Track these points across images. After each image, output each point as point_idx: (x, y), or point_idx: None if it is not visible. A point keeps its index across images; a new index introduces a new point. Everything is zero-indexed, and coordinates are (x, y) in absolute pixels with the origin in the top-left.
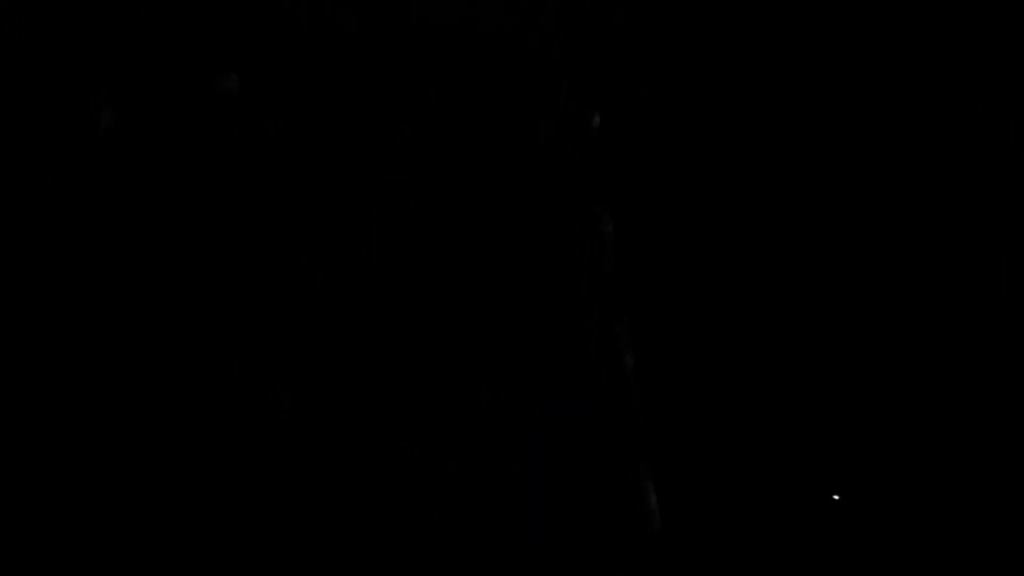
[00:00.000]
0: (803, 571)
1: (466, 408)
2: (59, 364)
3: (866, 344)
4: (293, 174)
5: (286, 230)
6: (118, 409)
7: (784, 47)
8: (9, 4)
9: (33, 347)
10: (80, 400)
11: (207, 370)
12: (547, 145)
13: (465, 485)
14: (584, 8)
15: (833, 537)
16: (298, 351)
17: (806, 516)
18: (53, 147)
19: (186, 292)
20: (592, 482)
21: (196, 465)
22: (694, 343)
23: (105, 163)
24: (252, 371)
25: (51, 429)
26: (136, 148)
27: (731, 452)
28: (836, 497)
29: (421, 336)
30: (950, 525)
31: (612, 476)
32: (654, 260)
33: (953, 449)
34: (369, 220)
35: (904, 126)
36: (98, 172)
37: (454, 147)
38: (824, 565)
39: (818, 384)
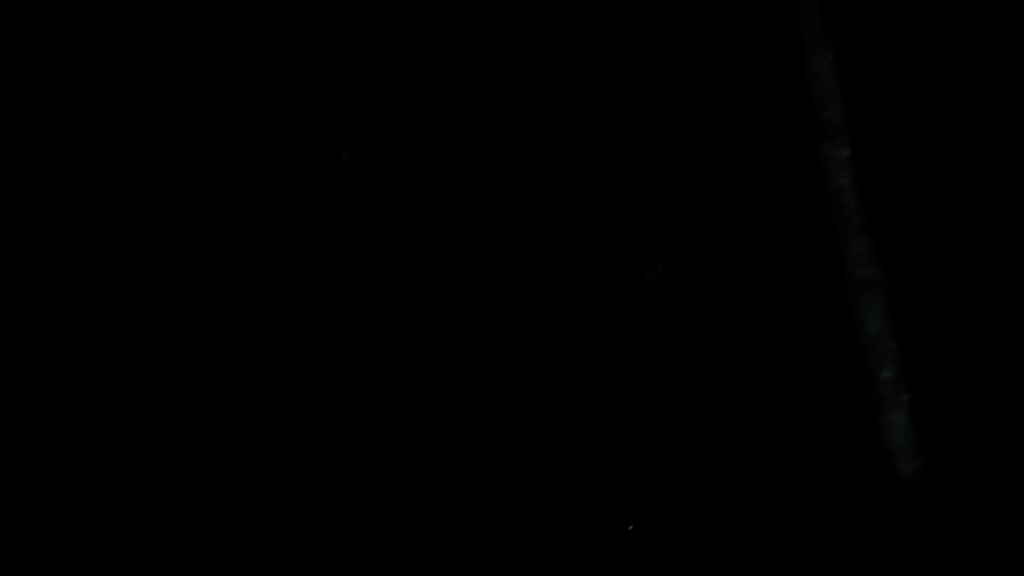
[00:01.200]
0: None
1: (466, 408)
2: (59, 364)
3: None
4: (293, 174)
5: (286, 230)
6: (118, 407)
7: (784, 47)
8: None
9: (34, 346)
10: (80, 398)
11: (207, 370)
12: (548, 145)
13: (465, 485)
14: (584, 8)
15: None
16: (298, 351)
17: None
18: (53, 146)
19: (186, 292)
20: (592, 482)
21: (195, 463)
22: (694, 343)
23: (108, 162)
24: (252, 371)
25: (51, 428)
26: (138, 147)
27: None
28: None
29: (421, 337)
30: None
31: (612, 476)
32: (654, 258)
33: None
34: (369, 220)
35: (904, 125)
36: (99, 171)
37: (454, 147)
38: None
39: (817, 383)
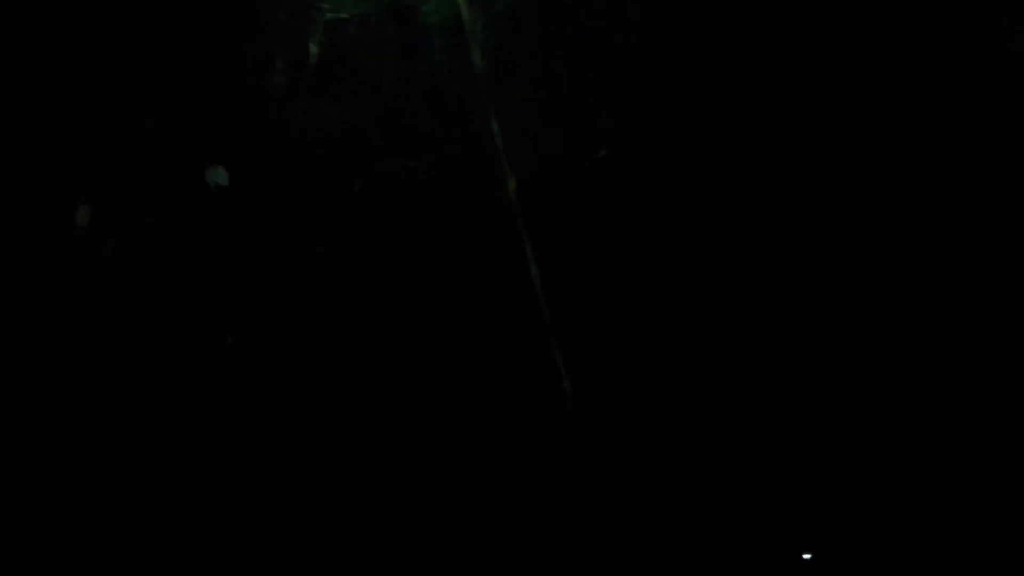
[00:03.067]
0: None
1: (467, 408)
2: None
3: (866, 344)
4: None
5: (297, 232)
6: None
7: (782, 48)
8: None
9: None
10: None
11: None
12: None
13: (465, 485)
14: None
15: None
16: (299, 353)
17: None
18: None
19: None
20: (592, 482)
21: (196, 463)
22: (691, 345)
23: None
24: (250, 371)
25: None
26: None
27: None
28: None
29: (423, 337)
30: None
31: (611, 476)
32: (654, 262)
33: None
34: (380, 228)
35: (902, 127)
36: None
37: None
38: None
39: (816, 385)
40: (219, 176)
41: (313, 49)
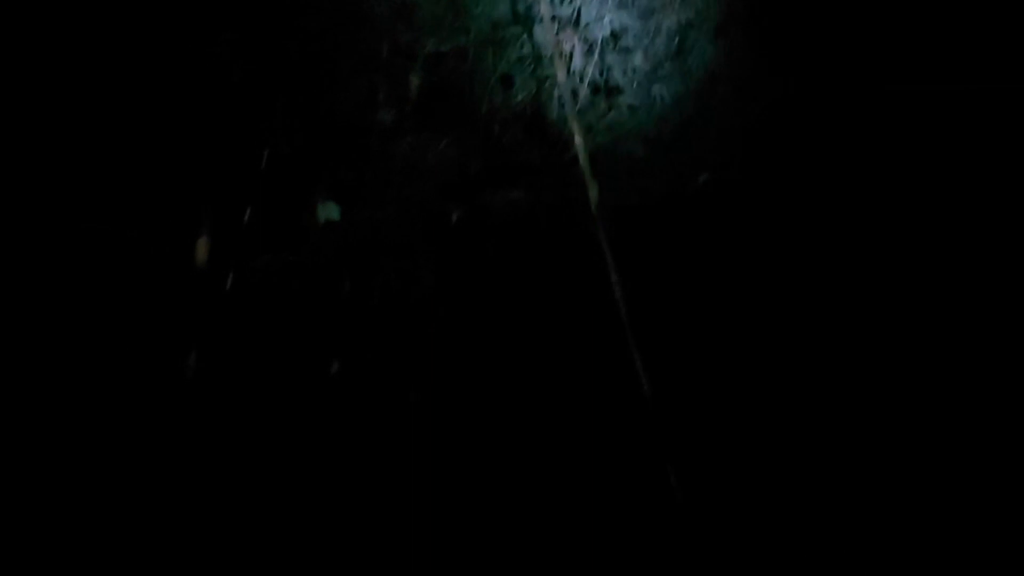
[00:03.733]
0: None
1: (470, 410)
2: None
3: (865, 345)
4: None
5: (402, 262)
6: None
7: (782, 48)
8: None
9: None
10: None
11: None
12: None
13: (466, 484)
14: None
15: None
16: (303, 359)
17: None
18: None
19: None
20: (594, 480)
21: (196, 464)
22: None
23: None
24: (251, 373)
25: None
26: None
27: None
28: None
29: (426, 338)
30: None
31: (614, 474)
32: (653, 267)
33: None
34: (481, 256)
35: (903, 127)
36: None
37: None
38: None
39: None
40: (331, 211)
41: (414, 83)
